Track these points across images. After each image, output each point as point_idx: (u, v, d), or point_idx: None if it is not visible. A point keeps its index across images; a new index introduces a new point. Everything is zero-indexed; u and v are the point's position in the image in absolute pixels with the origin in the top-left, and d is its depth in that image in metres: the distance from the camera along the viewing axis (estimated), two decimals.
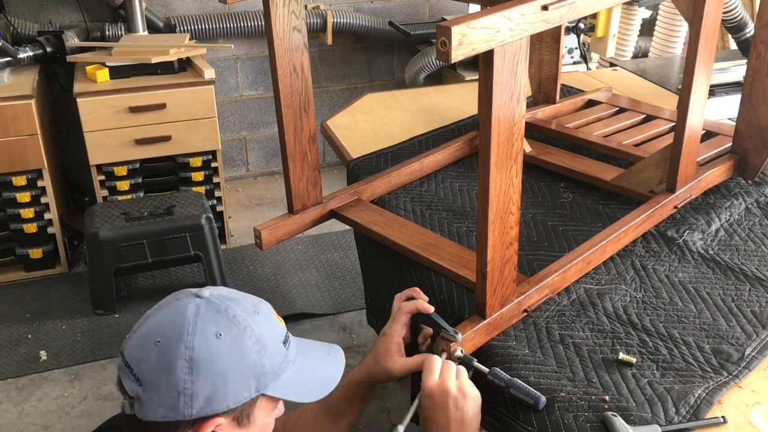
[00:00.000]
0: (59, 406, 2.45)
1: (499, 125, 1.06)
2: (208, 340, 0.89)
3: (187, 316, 0.90)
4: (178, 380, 0.87)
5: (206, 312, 0.91)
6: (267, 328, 0.95)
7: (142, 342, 0.90)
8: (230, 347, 0.90)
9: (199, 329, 0.89)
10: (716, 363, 1.17)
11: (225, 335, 0.90)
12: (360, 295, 2.91)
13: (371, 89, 4.06)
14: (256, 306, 0.97)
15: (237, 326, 0.91)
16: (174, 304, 0.93)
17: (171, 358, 0.88)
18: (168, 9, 3.59)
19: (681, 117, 1.51)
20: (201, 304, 0.92)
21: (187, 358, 0.88)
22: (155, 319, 0.92)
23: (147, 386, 0.88)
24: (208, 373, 0.88)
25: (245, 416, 0.93)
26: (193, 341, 0.88)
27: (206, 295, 0.93)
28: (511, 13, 0.98)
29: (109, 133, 3.01)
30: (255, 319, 0.94)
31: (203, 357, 0.88)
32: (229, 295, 0.96)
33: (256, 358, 0.92)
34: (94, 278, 2.85)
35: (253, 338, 0.92)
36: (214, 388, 0.88)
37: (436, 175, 1.79)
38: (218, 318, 0.91)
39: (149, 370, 0.89)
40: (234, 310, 0.93)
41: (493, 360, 1.19)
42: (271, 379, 0.93)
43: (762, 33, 1.59)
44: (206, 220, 2.85)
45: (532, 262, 1.44)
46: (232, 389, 0.90)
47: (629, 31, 3.46)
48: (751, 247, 1.48)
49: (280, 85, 1.39)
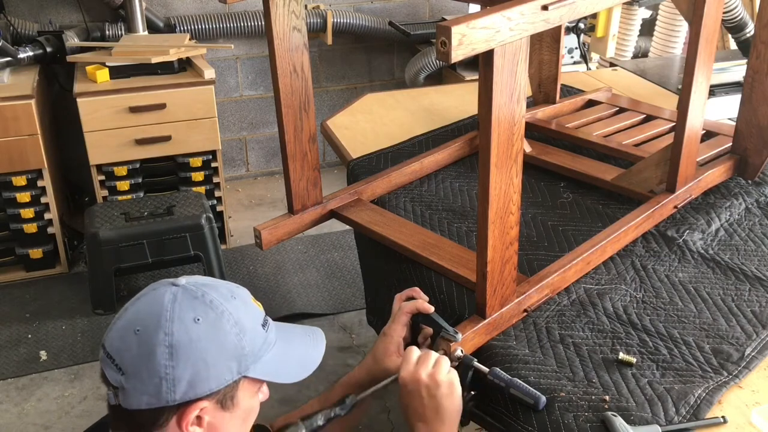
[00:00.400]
0: (59, 406, 2.45)
1: (499, 125, 1.06)
2: (186, 325, 0.90)
3: (164, 304, 0.92)
4: (159, 366, 0.88)
5: (183, 298, 0.92)
6: (245, 312, 0.96)
7: (122, 332, 0.92)
8: (209, 331, 0.91)
9: (177, 315, 0.91)
10: (716, 363, 1.17)
11: (203, 320, 0.91)
12: (360, 295, 2.91)
13: (371, 89, 4.06)
14: (233, 291, 0.98)
15: (214, 311, 0.93)
16: (151, 294, 0.95)
17: (151, 345, 0.89)
18: (168, 9, 3.59)
19: (681, 117, 1.51)
20: (178, 292, 0.93)
21: (166, 344, 0.89)
22: (133, 310, 0.94)
23: (129, 375, 0.90)
24: (188, 358, 0.89)
25: (229, 399, 0.94)
26: (172, 327, 0.90)
27: (183, 283, 0.95)
28: (511, 13, 0.98)
29: (109, 133, 3.01)
30: (232, 304, 0.95)
31: (182, 342, 0.89)
32: (206, 282, 0.97)
33: (235, 340, 0.93)
34: (94, 278, 2.85)
35: (231, 321, 0.93)
36: (196, 372, 0.90)
37: (436, 175, 1.79)
38: (195, 304, 0.92)
39: (130, 359, 0.90)
40: (211, 295, 0.94)
41: (493, 360, 1.19)
42: (252, 361, 0.95)
43: (762, 33, 1.59)
44: (206, 220, 2.85)
45: (532, 262, 1.44)
46: (213, 372, 0.91)
47: (629, 31, 3.46)
48: (751, 247, 1.48)
49: (280, 85, 1.39)
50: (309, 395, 2.42)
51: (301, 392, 2.39)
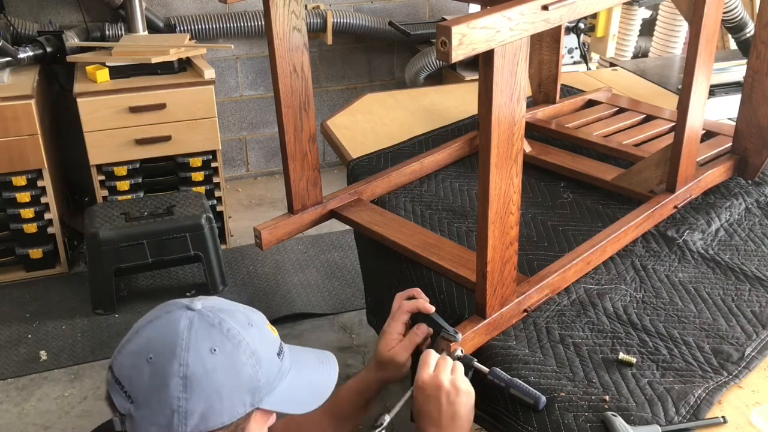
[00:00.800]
0: (59, 406, 2.45)
1: (499, 125, 1.06)
2: (202, 356, 0.86)
3: (179, 331, 0.87)
4: (171, 398, 0.85)
5: (200, 326, 0.88)
6: (261, 341, 0.93)
7: (133, 358, 0.88)
8: (225, 363, 0.87)
9: (192, 345, 0.86)
10: (716, 363, 1.17)
11: (219, 350, 0.87)
12: (360, 295, 2.91)
13: (371, 89, 4.06)
14: (250, 318, 0.94)
15: (231, 341, 0.89)
16: (165, 317, 0.90)
17: (164, 375, 0.85)
18: (168, 9, 3.59)
19: (681, 117, 1.51)
20: (194, 318, 0.89)
21: (181, 375, 0.85)
22: (146, 334, 0.89)
23: (139, 404, 0.86)
24: (202, 390, 0.86)
25: (240, 431, 0.91)
26: (188, 357, 0.86)
27: (198, 308, 0.90)
28: (511, 13, 0.98)
29: (109, 133, 3.01)
30: (249, 332, 0.91)
31: (198, 374, 0.86)
32: (223, 306, 0.93)
33: (251, 372, 0.89)
34: (94, 278, 2.85)
35: (248, 352, 0.90)
36: (209, 405, 0.86)
37: (436, 175, 1.79)
38: (212, 332, 0.88)
39: (141, 388, 0.86)
40: (228, 323, 0.90)
41: (493, 360, 1.19)
42: (266, 392, 0.91)
43: (762, 33, 1.59)
44: (206, 220, 2.85)
45: (532, 262, 1.44)
46: (227, 405, 0.87)
47: (629, 31, 3.46)
48: (751, 247, 1.48)
49: (280, 85, 1.39)
50: None
51: None
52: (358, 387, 1.23)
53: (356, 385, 1.23)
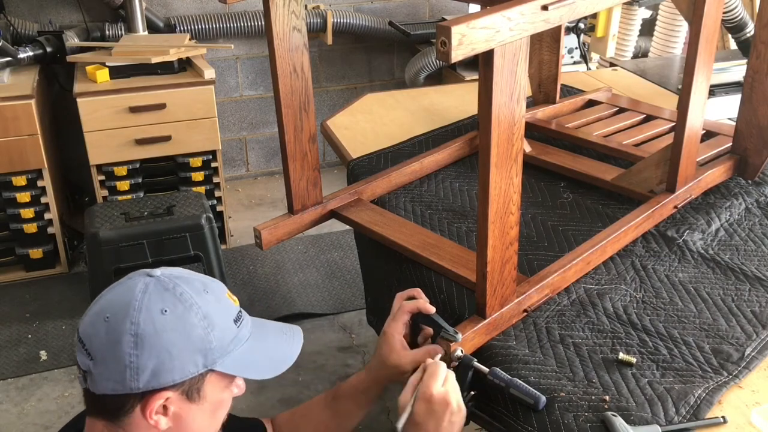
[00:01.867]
0: (59, 406, 2.45)
1: (499, 125, 1.06)
2: (152, 315, 0.92)
3: (135, 293, 0.94)
4: (124, 354, 0.91)
5: (154, 290, 0.94)
6: (216, 306, 0.97)
7: (94, 318, 0.94)
8: (175, 323, 0.93)
9: (145, 305, 0.93)
10: (716, 363, 1.17)
11: (170, 311, 0.93)
12: (360, 295, 2.91)
13: (371, 89, 4.06)
14: (207, 285, 0.99)
15: (183, 303, 0.94)
16: (126, 283, 0.97)
17: (118, 333, 0.91)
18: (168, 9, 3.59)
19: (681, 117, 1.51)
20: (150, 283, 0.95)
21: (132, 333, 0.91)
22: (107, 297, 0.96)
23: (97, 360, 0.92)
24: (152, 348, 0.91)
25: (195, 391, 0.95)
26: (139, 317, 0.92)
27: (157, 274, 0.97)
28: (511, 13, 0.98)
29: (109, 133, 3.01)
30: (203, 298, 0.96)
31: (148, 332, 0.91)
32: (181, 274, 0.99)
33: (201, 334, 0.94)
34: (94, 278, 2.85)
35: (200, 315, 0.95)
36: (160, 362, 0.91)
37: (436, 175, 1.79)
38: (165, 295, 0.94)
39: (99, 345, 0.92)
40: (182, 288, 0.96)
41: (493, 360, 1.19)
42: (219, 355, 0.96)
43: (762, 33, 1.59)
44: (206, 220, 2.85)
45: (532, 262, 1.44)
46: (177, 364, 0.92)
47: (629, 31, 3.46)
48: (751, 247, 1.48)
49: (280, 85, 1.39)
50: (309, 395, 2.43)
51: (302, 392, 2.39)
52: (359, 386, 1.23)
53: (357, 384, 1.23)
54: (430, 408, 1.05)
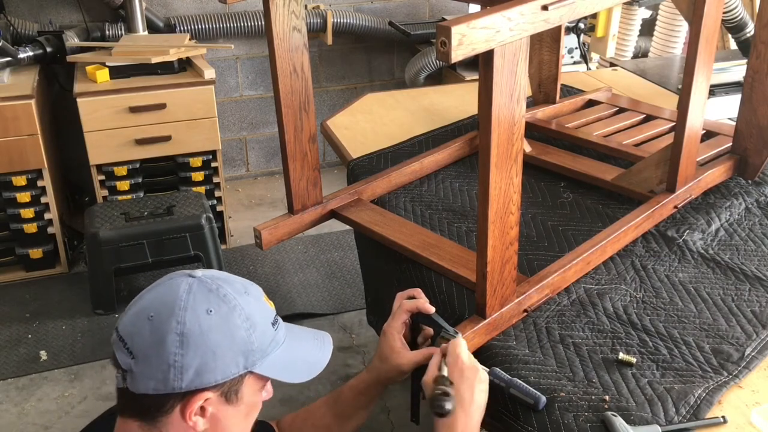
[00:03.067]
0: (59, 406, 2.45)
1: (499, 125, 1.06)
2: (198, 315, 0.92)
3: (179, 294, 0.94)
4: (168, 353, 0.91)
5: (198, 290, 0.95)
6: (257, 308, 0.98)
7: (136, 318, 0.94)
8: (220, 323, 0.93)
9: (190, 305, 0.93)
10: (716, 363, 1.17)
11: (215, 312, 0.93)
12: (360, 295, 2.91)
13: (371, 89, 4.06)
14: (247, 287, 1.00)
15: (227, 304, 0.95)
16: (167, 283, 0.97)
17: (163, 332, 0.91)
18: (168, 9, 3.59)
19: (681, 117, 1.51)
20: (193, 283, 0.95)
21: (178, 332, 0.91)
22: (149, 297, 0.96)
23: (139, 359, 0.92)
24: (197, 347, 0.91)
25: (233, 392, 0.96)
26: (185, 316, 0.92)
27: (199, 275, 0.97)
28: (511, 13, 0.98)
29: (109, 133, 3.01)
30: (245, 299, 0.97)
31: (193, 332, 0.91)
32: (221, 276, 1.00)
33: (244, 335, 0.95)
34: (94, 278, 2.85)
35: (243, 316, 0.95)
36: (204, 362, 0.91)
37: (436, 175, 1.79)
38: (209, 296, 0.94)
39: (141, 344, 0.92)
40: (225, 289, 0.96)
41: (493, 360, 1.19)
42: (259, 357, 0.96)
43: (762, 33, 1.59)
44: (206, 220, 2.85)
45: (532, 262, 1.44)
46: (220, 364, 0.93)
47: (629, 31, 3.46)
48: (751, 247, 1.48)
49: (280, 85, 1.39)
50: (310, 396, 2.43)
51: (303, 393, 2.39)
52: (359, 387, 1.23)
53: (357, 385, 1.24)
54: (462, 375, 1.07)
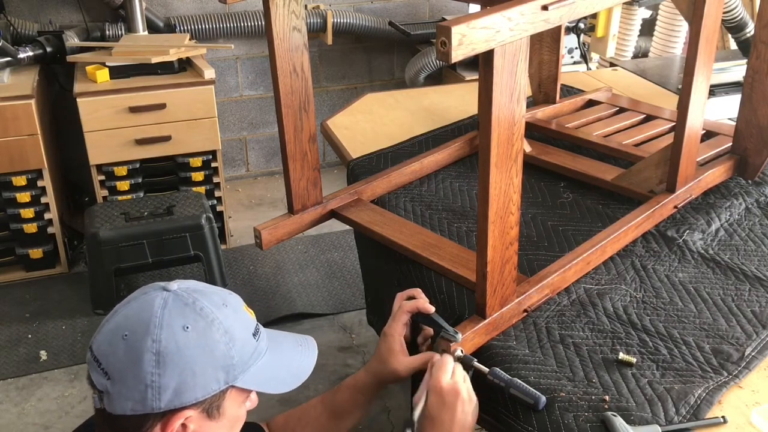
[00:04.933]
0: (59, 406, 2.45)
1: (499, 125, 1.06)
2: (174, 333, 0.89)
3: (154, 310, 0.90)
4: (145, 373, 0.87)
5: (173, 305, 0.91)
6: (236, 320, 0.95)
7: (110, 336, 0.91)
8: (197, 340, 0.90)
9: (166, 322, 0.89)
10: (716, 363, 1.17)
11: (192, 328, 0.90)
12: (360, 295, 2.91)
13: (371, 89, 4.06)
14: (225, 298, 0.97)
15: (204, 319, 0.92)
16: (141, 298, 0.93)
17: (138, 351, 0.88)
18: (168, 9, 3.59)
19: (681, 117, 1.51)
20: (168, 298, 0.92)
21: (154, 351, 0.88)
22: (123, 313, 0.93)
23: (115, 380, 0.89)
24: (175, 366, 0.88)
25: (215, 408, 0.93)
26: (160, 334, 0.89)
27: (174, 289, 0.94)
28: (511, 13, 0.98)
29: (109, 133, 3.01)
30: (223, 312, 0.94)
31: (170, 350, 0.88)
32: (197, 288, 0.96)
33: (224, 350, 0.92)
34: (94, 278, 2.85)
35: (221, 330, 0.92)
36: (182, 381, 0.88)
37: (436, 175, 1.79)
38: (185, 311, 0.91)
39: (117, 364, 0.89)
40: (201, 302, 0.93)
41: (493, 360, 1.19)
42: (241, 371, 0.94)
43: (762, 33, 1.59)
44: (206, 220, 2.85)
45: (532, 262, 1.44)
46: (200, 381, 0.90)
47: (629, 31, 3.46)
48: (751, 247, 1.48)
49: (280, 85, 1.39)
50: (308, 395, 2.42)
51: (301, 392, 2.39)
52: (356, 386, 1.23)
53: (355, 384, 1.23)
54: (442, 400, 1.06)
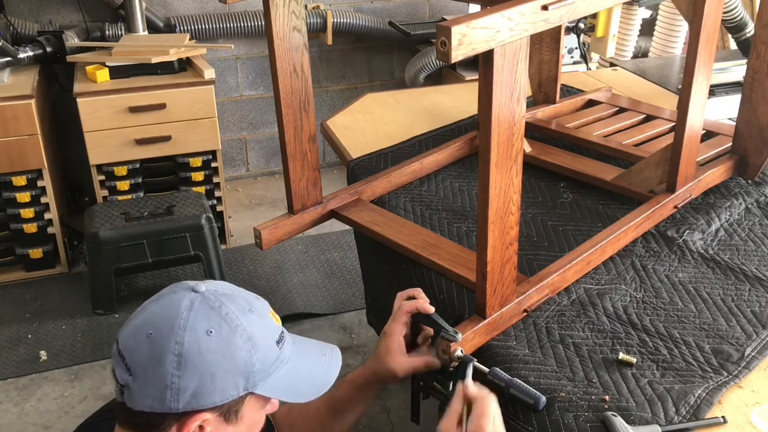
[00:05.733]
0: (59, 406, 2.45)
1: (499, 125, 1.06)
2: (198, 336, 0.89)
3: (180, 311, 0.91)
4: (166, 374, 0.88)
5: (200, 308, 0.91)
6: (260, 327, 0.95)
7: (136, 332, 0.91)
8: (220, 345, 0.90)
9: (190, 325, 0.90)
10: (716, 363, 1.17)
11: (215, 333, 0.90)
12: (360, 295, 2.91)
13: (371, 89, 4.06)
14: (252, 304, 0.97)
15: (228, 324, 0.92)
16: (170, 297, 0.94)
17: (161, 351, 0.89)
18: (168, 9, 3.59)
19: (681, 117, 1.51)
20: (196, 300, 0.92)
21: (176, 353, 0.88)
22: (150, 311, 0.93)
23: (137, 376, 0.89)
24: (195, 369, 0.89)
25: (233, 413, 0.93)
26: (184, 336, 0.89)
27: (202, 290, 0.94)
28: (511, 13, 0.98)
29: (109, 133, 3.01)
30: (248, 318, 0.94)
31: (192, 353, 0.89)
32: (225, 291, 0.96)
33: (245, 356, 0.92)
34: (94, 278, 2.85)
35: (245, 337, 0.92)
36: (201, 384, 0.89)
37: (436, 175, 1.79)
38: (210, 315, 0.91)
39: (140, 361, 0.90)
40: (228, 307, 0.93)
41: (493, 360, 1.19)
42: (261, 378, 0.93)
43: (762, 33, 1.59)
44: (206, 220, 2.85)
45: (532, 262, 1.44)
46: (219, 386, 0.90)
47: (629, 31, 3.46)
48: (751, 247, 1.48)
49: (280, 85, 1.39)
50: None
51: None
52: (356, 383, 1.23)
53: (355, 380, 1.23)
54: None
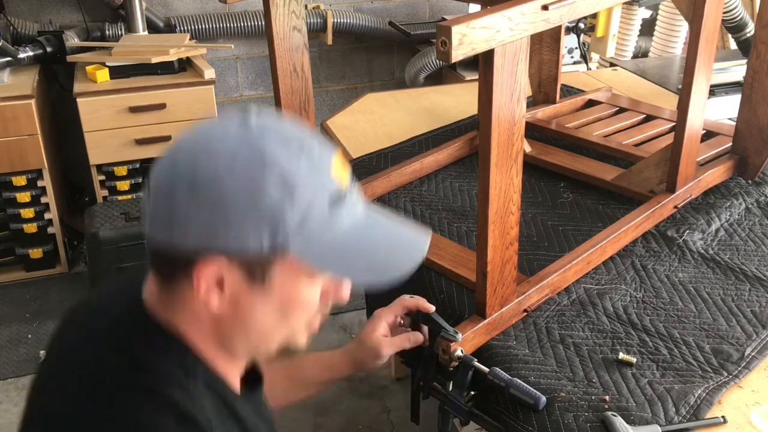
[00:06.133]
0: None
1: (499, 125, 1.06)
2: (217, 161, 0.75)
3: (211, 136, 0.78)
4: (175, 195, 0.76)
5: (235, 136, 0.77)
6: (308, 177, 0.76)
7: (166, 153, 0.81)
8: (242, 181, 0.75)
9: (213, 148, 0.77)
10: (716, 363, 1.17)
11: (242, 166, 0.75)
12: (360, 295, 2.90)
13: (371, 89, 4.06)
14: (304, 146, 0.78)
15: (263, 157, 0.75)
16: (217, 121, 0.81)
17: (176, 173, 0.77)
18: (168, 9, 3.59)
19: (681, 117, 1.51)
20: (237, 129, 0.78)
21: (189, 177, 0.76)
22: (191, 131, 0.81)
23: (151, 197, 0.79)
24: (206, 199, 0.75)
25: (258, 270, 0.77)
26: (202, 159, 0.76)
27: (251, 124, 0.78)
28: (511, 12, 0.98)
29: (109, 133, 3.01)
30: (292, 162, 0.76)
31: (206, 180, 0.75)
32: (275, 127, 0.79)
33: (275, 203, 0.75)
34: (94, 278, 2.85)
35: (279, 181, 0.75)
36: (211, 221, 0.75)
37: (436, 175, 1.79)
38: (241, 147, 0.76)
39: (158, 184, 0.78)
40: (268, 139, 0.77)
41: (493, 360, 1.19)
42: (295, 235, 0.76)
43: (762, 33, 1.59)
44: None
45: (532, 262, 1.44)
46: (234, 228, 0.75)
47: (629, 31, 3.46)
48: (751, 247, 1.48)
49: (280, 85, 1.39)
50: None
51: None
52: (328, 362, 1.19)
53: (327, 360, 1.19)
54: None
